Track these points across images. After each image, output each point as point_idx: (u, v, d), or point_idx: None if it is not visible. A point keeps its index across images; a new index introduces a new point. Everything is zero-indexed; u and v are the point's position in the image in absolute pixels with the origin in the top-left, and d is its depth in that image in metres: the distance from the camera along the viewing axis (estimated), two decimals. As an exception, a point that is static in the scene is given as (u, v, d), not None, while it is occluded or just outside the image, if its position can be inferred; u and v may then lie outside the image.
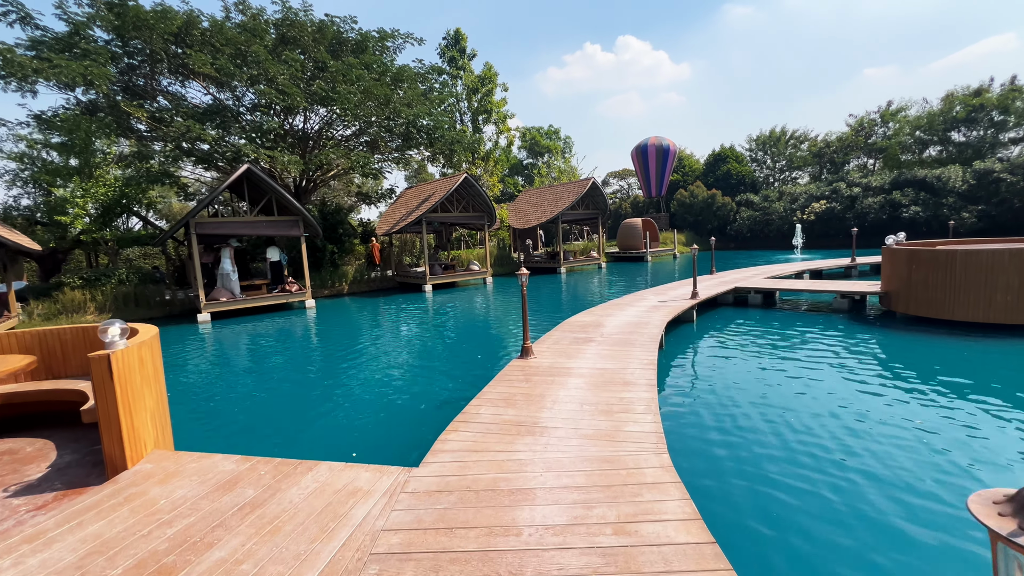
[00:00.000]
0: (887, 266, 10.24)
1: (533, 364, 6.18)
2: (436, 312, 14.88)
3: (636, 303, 10.83)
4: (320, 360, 9.47)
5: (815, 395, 6.06)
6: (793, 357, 7.78)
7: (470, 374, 7.68)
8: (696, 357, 8.05)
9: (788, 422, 5.24)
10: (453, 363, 8.55)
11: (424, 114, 19.71)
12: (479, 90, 30.85)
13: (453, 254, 26.27)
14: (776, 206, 36.31)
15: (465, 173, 19.76)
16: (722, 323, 10.63)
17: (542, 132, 54.48)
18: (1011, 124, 32.37)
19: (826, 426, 5.11)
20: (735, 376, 6.90)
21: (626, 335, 7.66)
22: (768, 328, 9.90)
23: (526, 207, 27.50)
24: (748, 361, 7.64)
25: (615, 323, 8.66)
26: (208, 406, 6.93)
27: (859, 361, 7.43)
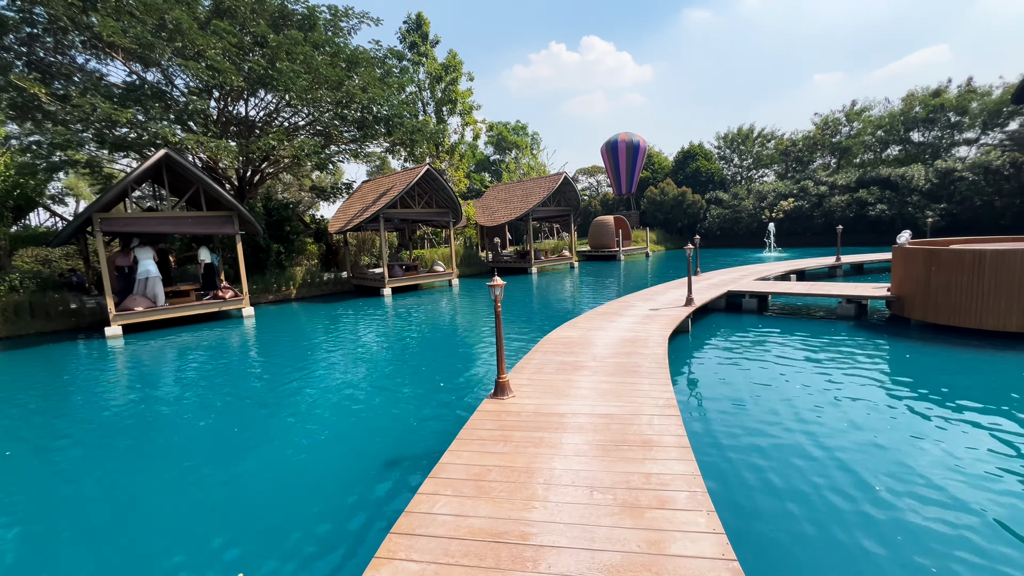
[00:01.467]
0: (899, 268, 9.21)
1: (511, 408, 4.58)
2: (394, 320, 13.05)
3: (625, 312, 9.40)
4: (237, 390, 7.55)
5: (873, 438, 4.73)
6: (816, 379, 6.49)
7: (427, 414, 6.00)
8: (707, 380, 6.64)
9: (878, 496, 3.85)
10: (407, 396, 6.84)
11: (381, 99, 17.71)
12: (443, 79, 28.95)
13: (416, 254, 24.34)
14: (745, 204, 36.11)
15: (427, 165, 17.94)
16: (720, 333, 9.35)
17: (509, 128, 53.02)
18: (966, 125, 33.21)
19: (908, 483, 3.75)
20: (763, 411, 5.52)
21: (624, 357, 6.17)
22: (772, 339, 8.67)
23: (494, 203, 25.87)
24: (771, 388, 6.29)
25: (607, 340, 7.17)
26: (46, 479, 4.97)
27: (893, 381, 6.21)
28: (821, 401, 5.74)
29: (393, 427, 5.61)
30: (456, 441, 3.88)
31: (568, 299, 15.20)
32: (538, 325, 11.01)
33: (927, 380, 6.32)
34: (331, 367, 8.56)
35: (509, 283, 20.34)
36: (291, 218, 20.08)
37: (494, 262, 26.11)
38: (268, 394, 7.18)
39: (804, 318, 10.38)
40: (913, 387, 6.08)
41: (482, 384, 6.86)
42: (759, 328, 9.63)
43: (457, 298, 17.23)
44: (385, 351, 9.62)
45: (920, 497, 3.69)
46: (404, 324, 12.53)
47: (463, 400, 6.21)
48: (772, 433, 4.88)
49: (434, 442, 4.90)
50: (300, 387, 7.39)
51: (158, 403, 7.03)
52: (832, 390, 6.09)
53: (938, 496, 3.69)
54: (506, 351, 8.42)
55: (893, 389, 6.04)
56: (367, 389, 7.14)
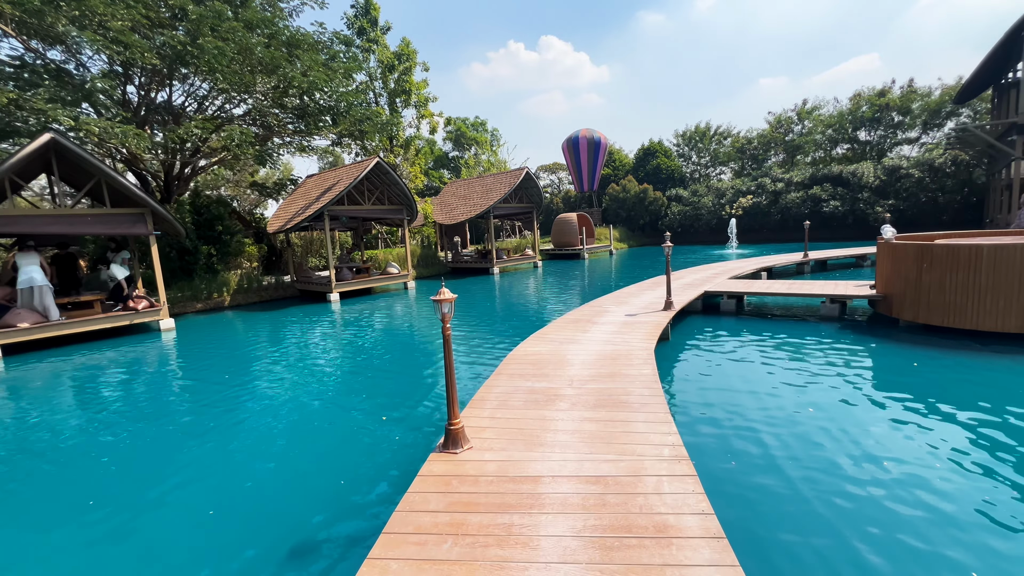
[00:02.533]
0: (885, 265, 8.61)
1: (467, 470, 3.35)
2: (337, 331, 11.50)
3: (599, 319, 8.34)
4: (132, 434, 5.94)
5: (889, 463, 3.81)
6: (824, 395, 5.63)
7: (357, 472, 4.68)
8: (705, 404, 5.64)
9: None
10: (336, 439, 5.47)
11: (322, 83, 15.96)
12: (395, 68, 27.22)
13: (369, 254, 22.62)
14: (705, 200, 36.29)
15: (377, 157, 16.36)
16: (701, 338, 8.47)
17: (468, 124, 51.54)
18: (907, 125, 34.59)
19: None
20: (785, 448, 4.54)
21: (608, 380, 5.07)
22: (758, 344, 7.85)
23: (453, 200, 24.47)
24: (777, 412, 5.35)
25: (584, 356, 6.06)
26: None
27: (891, 388, 5.42)
28: (846, 425, 4.83)
29: (321, 482, 4.25)
30: (380, 542, 2.60)
31: (534, 303, 14.09)
32: (502, 335, 9.81)
33: (936, 389, 5.56)
34: (262, 389, 7.04)
35: (470, 284, 19.06)
36: (224, 216, 17.99)
37: (454, 262, 24.73)
38: (187, 424, 5.62)
39: (785, 319, 9.69)
40: (925, 398, 5.29)
41: (436, 416, 5.59)
42: (741, 332, 8.82)
43: (412, 302, 15.79)
44: (320, 372, 8.14)
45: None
46: (349, 335, 11.02)
47: (406, 449, 4.91)
48: (807, 480, 3.88)
49: (356, 526, 3.60)
50: (222, 417, 5.86)
51: (40, 442, 5.33)
52: (848, 411, 5.22)
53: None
54: (466, 373, 7.18)
55: (913, 405, 5.23)
56: (300, 421, 5.72)
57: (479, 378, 6.73)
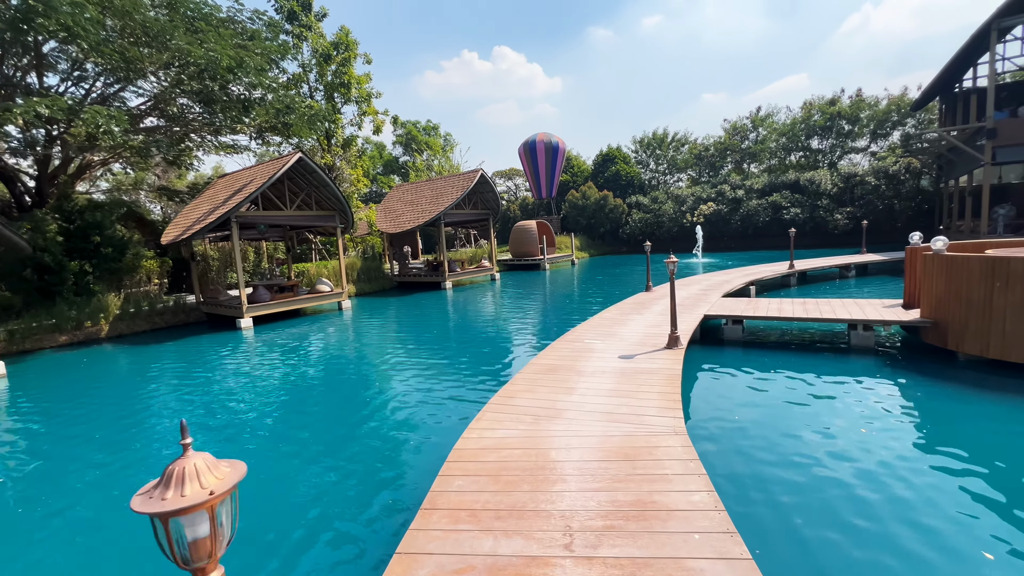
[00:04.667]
0: (934, 283, 6.84)
1: None
2: (232, 375, 8.57)
3: (584, 365, 6.02)
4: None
5: None
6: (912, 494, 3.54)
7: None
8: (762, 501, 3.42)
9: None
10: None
11: (228, 61, 12.91)
12: (332, 59, 24.22)
13: (300, 268, 19.44)
14: (666, 208, 35.29)
15: (298, 153, 13.47)
16: (707, 383, 6.36)
17: (419, 127, 48.76)
18: (855, 134, 35.08)
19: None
20: None
21: (634, 525, 2.72)
22: (784, 389, 5.81)
23: (399, 206, 21.71)
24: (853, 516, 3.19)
25: (579, 455, 3.66)
26: None
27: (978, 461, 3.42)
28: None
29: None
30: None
31: (492, 333, 11.65)
32: (448, 390, 7.31)
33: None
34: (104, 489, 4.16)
35: (418, 302, 16.38)
36: (105, 224, 14.44)
37: (401, 276, 21.93)
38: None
39: (804, 351, 7.78)
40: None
41: (355, 549, 3.04)
42: (758, 371, 6.79)
43: (347, 325, 12.97)
44: (211, 445, 5.32)
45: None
46: (245, 384, 8.12)
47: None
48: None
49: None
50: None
51: None
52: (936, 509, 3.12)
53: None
54: (389, 475, 4.65)
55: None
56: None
57: (416, 469, 4.23)
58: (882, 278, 15.32)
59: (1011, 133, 17.26)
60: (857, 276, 15.64)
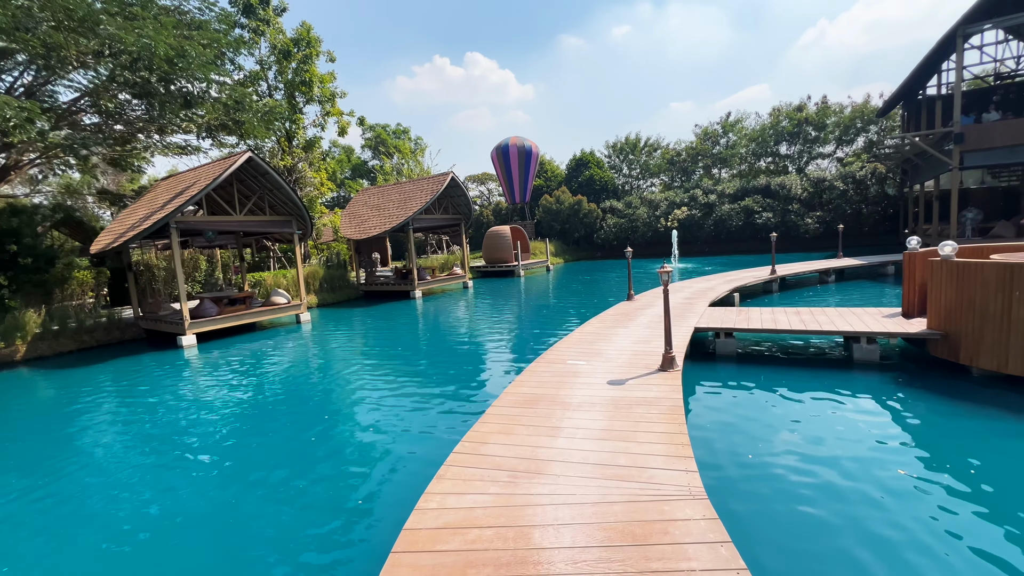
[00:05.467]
0: (943, 291, 6.29)
1: None
2: (156, 408, 7.32)
3: (568, 395, 5.15)
4: None
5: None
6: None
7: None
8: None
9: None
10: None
11: (166, 49, 11.57)
12: (292, 55, 22.86)
13: (256, 278, 18.02)
14: (640, 212, 35.07)
15: (247, 152, 12.24)
16: (704, 406, 5.60)
17: (389, 131, 47.48)
18: (822, 139, 35.77)
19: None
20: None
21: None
22: (793, 414, 5.11)
23: (365, 211, 20.51)
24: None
25: (571, 538, 2.79)
26: None
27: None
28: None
29: None
30: None
31: (463, 350, 10.69)
32: (402, 445, 6.33)
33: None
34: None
35: (385, 313, 15.26)
36: (23, 232, 12.81)
37: (368, 285, 20.69)
38: None
39: (803, 365, 7.16)
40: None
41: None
42: (760, 391, 6.09)
43: (306, 341, 11.77)
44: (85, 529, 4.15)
45: None
46: (160, 418, 6.89)
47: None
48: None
49: None
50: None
51: None
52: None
53: None
54: (337, 538, 3.63)
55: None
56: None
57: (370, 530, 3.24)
58: (861, 283, 15.11)
59: (977, 138, 17.49)
60: (837, 281, 15.39)
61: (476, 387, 7.12)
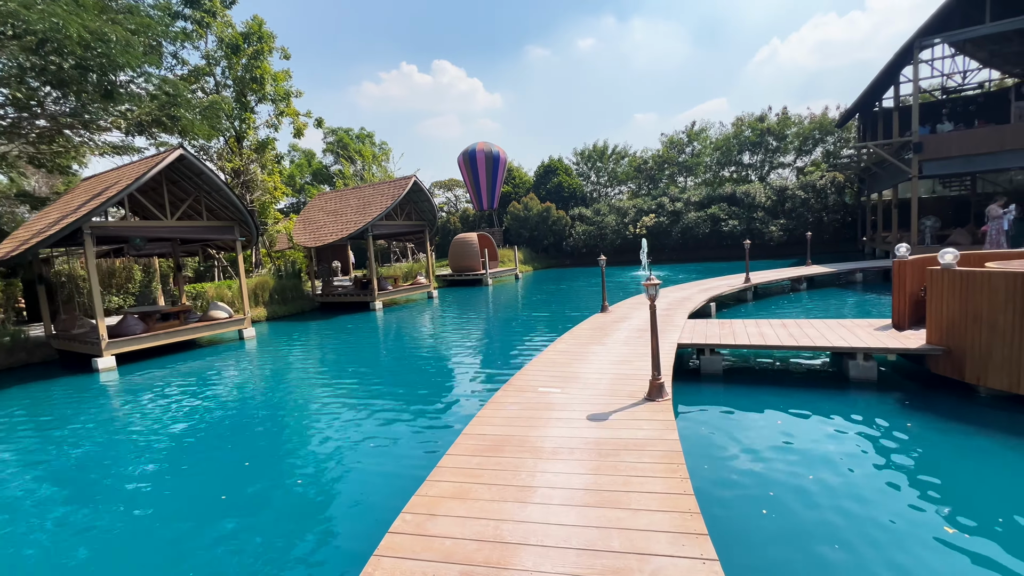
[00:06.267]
0: (945, 303, 5.78)
1: None
2: (50, 444, 5.95)
3: (542, 436, 4.26)
4: None
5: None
6: None
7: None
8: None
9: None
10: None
11: (79, 30, 10.09)
12: (242, 50, 21.33)
13: (196, 289, 16.38)
14: (608, 220, 34.84)
15: (179, 149, 10.88)
16: (714, 448, 4.84)
17: (352, 135, 45.85)
18: (783, 149, 36.63)
19: None
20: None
21: None
22: (803, 447, 4.40)
23: (321, 217, 19.16)
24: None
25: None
26: None
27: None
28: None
29: None
30: None
31: (421, 374, 9.66)
32: (336, 509, 5.30)
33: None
34: None
35: (341, 327, 14.01)
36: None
37: (324, 295, 19.30)
38: None
39: (795, 386, 6.54)
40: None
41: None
42: (750, 415, 5.40)
43: (245, 362, 10.43)
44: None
45: None
46: (74, 457, 5.56)
47: None
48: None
49: None
50: None
51: None
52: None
53: None
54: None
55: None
56: None
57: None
58: (831, 290, 14.97)
59: (935, 148, 17.87)
60: (808, 289, 15.20)
61: (432, 423, 6.13)
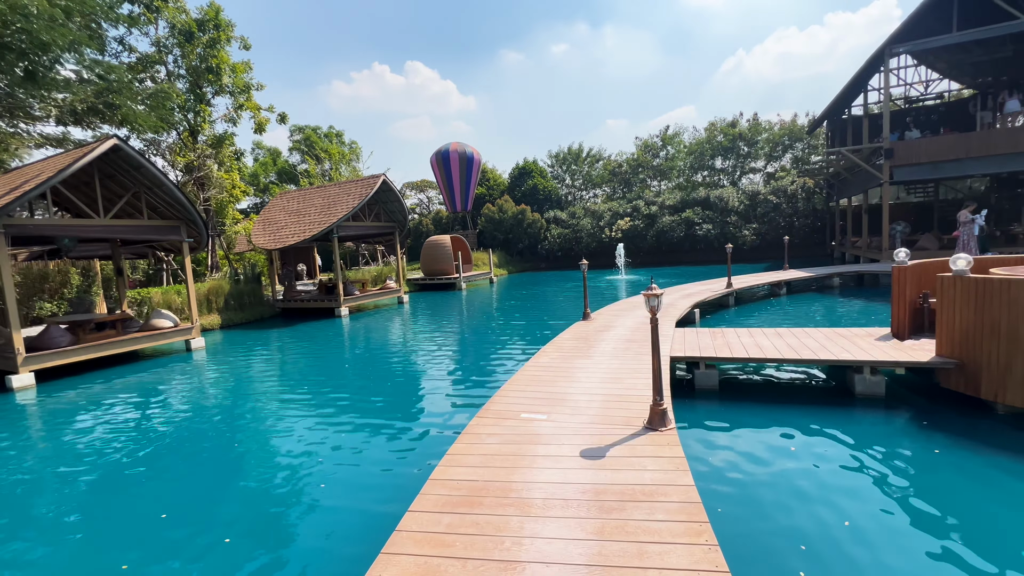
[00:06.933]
0: (958, 313, 5.35)
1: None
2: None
3: (523, 478, 3.50)
4: None
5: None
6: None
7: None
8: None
9: None
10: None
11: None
12: (196, 38, 19.88)
13: (140, 296, 14.94)
14: (584, 223, 34.50)
15: (113, 139, 9.69)
16: (710, 468, 4.20)
17: (320, 133, 44.20)
18: (753, 154, 37.16)
19: None
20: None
21: None
22: (809, 474, 3.82)
23: (282, 217, 17.93)
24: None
25: None
26: None
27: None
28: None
29: None
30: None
31: (385, 392, 8.79)
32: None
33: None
34: None
35: (302, 336, 12.92)
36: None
37: (286, 301, 18.06)
38: None
39: (795, 402, 6.02)
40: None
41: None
42: (756, 439, 4.80)
43: (189, 377, 9.28)
44: None
45: None
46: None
47: None
48: None
49: None
50: None
51: None
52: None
53: None
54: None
55: None
56: None
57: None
58: (810, 295, 14.79)
59: (905, 154, 18.09)
60: (788, 294, 15.00)
61: (396, 462, 5.26)
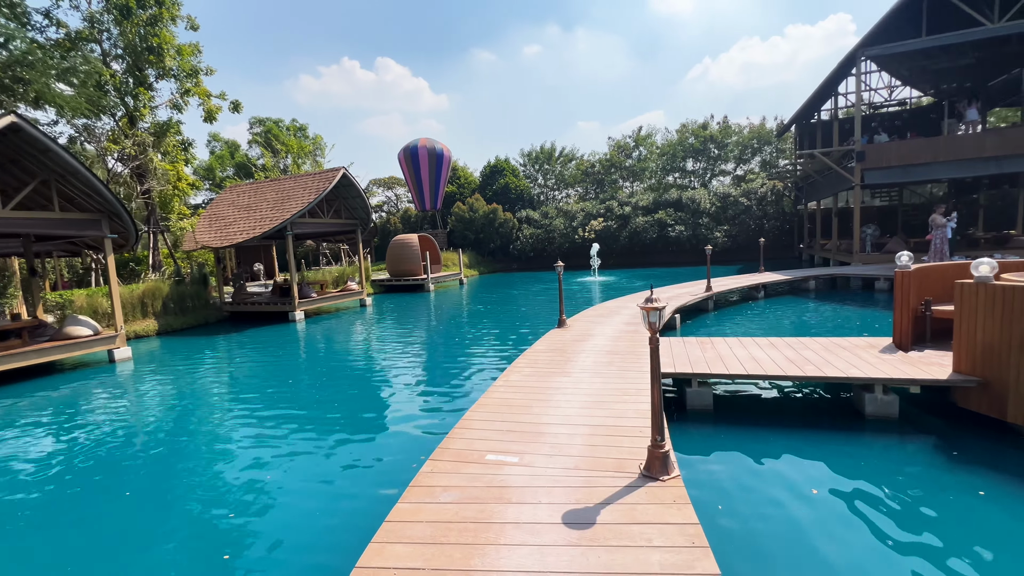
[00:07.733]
0: (981, 326, 4.76)
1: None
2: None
3: (485, 559, 2.59)
4: None
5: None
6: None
7: None
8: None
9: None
10: None
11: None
12: (135, 14, 18.04)
13: (60, 299, 13.24)
14: (556, 223, 33.88)
15: (11, 116, 8.24)
16: (718, 512, 3.41)
17: (282, 126, 42.04)
18: (723, 157, 37.43)
19: None
20: None
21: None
22: (828, 518, 3.09)
23: (230, 212, 16.41)
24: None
25: None
26: None
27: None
28: None
29: None
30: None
31: (330, 423, 7.72)
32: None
33: None
34: None
35: (250, 344, 11.59)
36: None
37: (236, 304, 16.55)
38: None
39: (798, 424, 5.35)
40: None
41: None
42: (764, 474, 4.05)
43: (108, 394, 7.93)
44: None
45: None
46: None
47: None
48: None
49: None
50: None
51: None
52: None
53: None
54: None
55: None
56: None
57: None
58: (787, 298, 14.47)
59: (876, 157, 18.13)
60: (765, 297, 14.63)
61: (337, 519, 4.26)
